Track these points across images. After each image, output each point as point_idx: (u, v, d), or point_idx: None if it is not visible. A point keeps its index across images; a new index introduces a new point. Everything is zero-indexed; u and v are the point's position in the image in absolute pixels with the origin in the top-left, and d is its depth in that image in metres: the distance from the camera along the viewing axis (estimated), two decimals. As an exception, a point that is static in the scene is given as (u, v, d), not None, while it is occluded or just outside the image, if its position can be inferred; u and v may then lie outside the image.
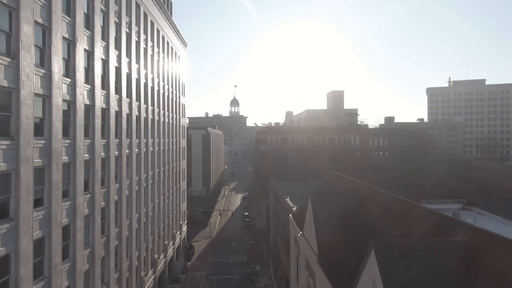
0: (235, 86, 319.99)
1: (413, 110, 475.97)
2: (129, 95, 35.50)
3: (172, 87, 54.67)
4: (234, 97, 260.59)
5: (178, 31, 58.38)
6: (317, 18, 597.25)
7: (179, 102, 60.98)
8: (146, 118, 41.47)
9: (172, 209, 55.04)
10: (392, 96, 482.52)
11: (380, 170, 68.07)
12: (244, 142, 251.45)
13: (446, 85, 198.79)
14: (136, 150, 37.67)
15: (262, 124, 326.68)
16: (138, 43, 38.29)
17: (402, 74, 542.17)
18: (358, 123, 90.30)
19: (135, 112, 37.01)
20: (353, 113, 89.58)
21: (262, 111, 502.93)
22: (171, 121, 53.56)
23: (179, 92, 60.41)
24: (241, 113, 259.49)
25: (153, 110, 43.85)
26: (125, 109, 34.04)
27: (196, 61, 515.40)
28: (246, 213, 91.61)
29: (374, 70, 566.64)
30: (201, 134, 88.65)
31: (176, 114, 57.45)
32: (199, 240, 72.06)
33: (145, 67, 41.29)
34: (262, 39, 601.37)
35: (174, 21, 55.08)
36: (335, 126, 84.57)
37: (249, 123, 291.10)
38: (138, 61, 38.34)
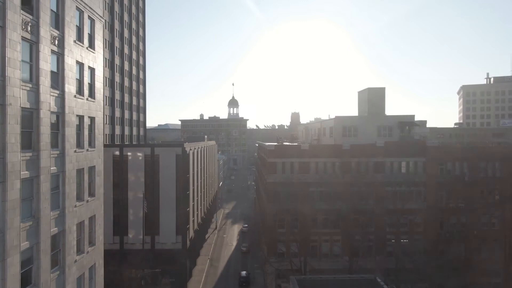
0: (233, 85, 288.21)
1: (419, 110, 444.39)
2: None
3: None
4: (233, 97, 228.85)
5: None
6: (318, 16, 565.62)
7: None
8: None
9: None
10: (397, 95, 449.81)
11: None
12: (244, 148, 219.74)
13: (468, 82, 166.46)
14: None
15: (265, 126, 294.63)
16: None
17: (406, 73, 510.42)
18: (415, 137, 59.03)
19: None
20: (409, 123, 57.78)
21: (264, 113, 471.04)
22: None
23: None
24: (241, 115, 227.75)
25: None
26: None
27: (194, 62, 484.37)
28: (243, 274, 60.36)
29: (376, 68, 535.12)
30: (174, 154, 57.25)
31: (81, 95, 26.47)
32: None
33: None
34: (263, 38, 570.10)
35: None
36: (385, 143, 52.72)
37: (250, 126, 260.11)
38: None
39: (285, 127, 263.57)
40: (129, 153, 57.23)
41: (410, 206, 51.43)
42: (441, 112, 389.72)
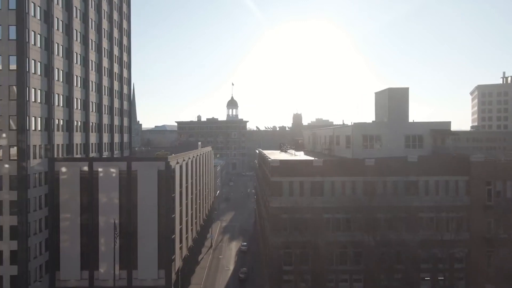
0: (232, 84, 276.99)
1: (419, 111, 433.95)
2: None
3: None
4: (232, 98, 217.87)
5: None
6: (318, 16, 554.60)
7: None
8: None
9: None
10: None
11: None
12: (243, 151, 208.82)
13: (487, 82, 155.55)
14: None
15: (266, 128, 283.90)
16: None
17: (406, 73, 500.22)
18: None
19: None
20: (444, 131, 47.04)
21: (265, 114, 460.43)
22: None
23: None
24: (240, 117, 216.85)
25: None
26: None
27: (194, 62, 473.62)
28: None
29: (376, 68, 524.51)
30: (155, 170, 46.55)
31: None
32: None
33: None
34: (263, 38, 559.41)
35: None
36: (419, 158, 42.04)
37: (250, 127, 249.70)
38: None
39: (287, 128, 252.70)
40: (100, 169, 46.60)
41: (450, 236, 40.65)
42: (442, 113, 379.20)
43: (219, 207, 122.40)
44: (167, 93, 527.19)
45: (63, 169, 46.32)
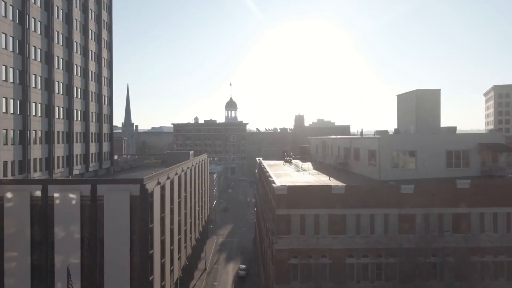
0: (231, 85, 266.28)
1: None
2: None
3: None
4: (231, 99, 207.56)
5: None
6: (318, 16, 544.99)
7: None
8: None
9: None
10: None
11: None
12: (243, 155, 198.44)
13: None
14: None
15: (266, 129, 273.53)
16: None
17: (406, 73, 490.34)
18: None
19: None
20: (498, 146, 36.75)
21: (265, 115, 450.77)
22: None
23: None
24: (239, 119, 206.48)
25: None
26: None
27: (193, 63, 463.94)
28: None
29: (376, 68, 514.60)
30: (126, 196, 36.24)
31: None
32: None
33: None
34: (263, 38, 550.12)
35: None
36: (472, 184, 31.81)
37: (250, 129, 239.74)
38: None
39: (288, 130, 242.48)
40: (56, 194, 36.34)
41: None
42: (443, 113, 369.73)
43: (216, 219, 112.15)
44: (165, 94, 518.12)
45: (8, 195, 36.04)
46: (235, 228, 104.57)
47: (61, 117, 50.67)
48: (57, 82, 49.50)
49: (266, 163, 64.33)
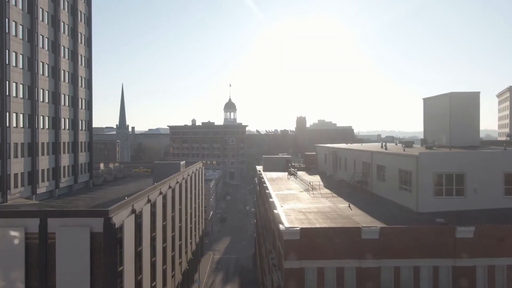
0: (230, 85, 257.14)
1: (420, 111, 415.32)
2: None
3: None
4: (230, 100, 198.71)
5: None
6: (318, 16, 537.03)
7: None
8: None
9: None
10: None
11: None
12: (242, 159, 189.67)
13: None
14: None
15: (267, 131, 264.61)
16: None
17: (406, 73, 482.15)
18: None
19: None
20: None
21: (265, 117, 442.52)
22: None
23: None
24: (239, 121, 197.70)
25: None
26: None
27: (193, 63, 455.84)
28: None
29: (376, 68, 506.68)
30: (86, 233, 27.50)
31: None
32: None
33: None
34: (263, 39, 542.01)
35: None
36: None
37: (250, 130, 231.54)
38: None
39: (289, 132, 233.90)
40: (-8, 231, 27.64)
41: None
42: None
43: (212, 231, 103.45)
44: (163, 94, 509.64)
45: None
46: (233, 242, 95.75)
47: (20, 126, 42.01)
48: (14, 84, 40.83)
49: (267, 176, 55.58)
